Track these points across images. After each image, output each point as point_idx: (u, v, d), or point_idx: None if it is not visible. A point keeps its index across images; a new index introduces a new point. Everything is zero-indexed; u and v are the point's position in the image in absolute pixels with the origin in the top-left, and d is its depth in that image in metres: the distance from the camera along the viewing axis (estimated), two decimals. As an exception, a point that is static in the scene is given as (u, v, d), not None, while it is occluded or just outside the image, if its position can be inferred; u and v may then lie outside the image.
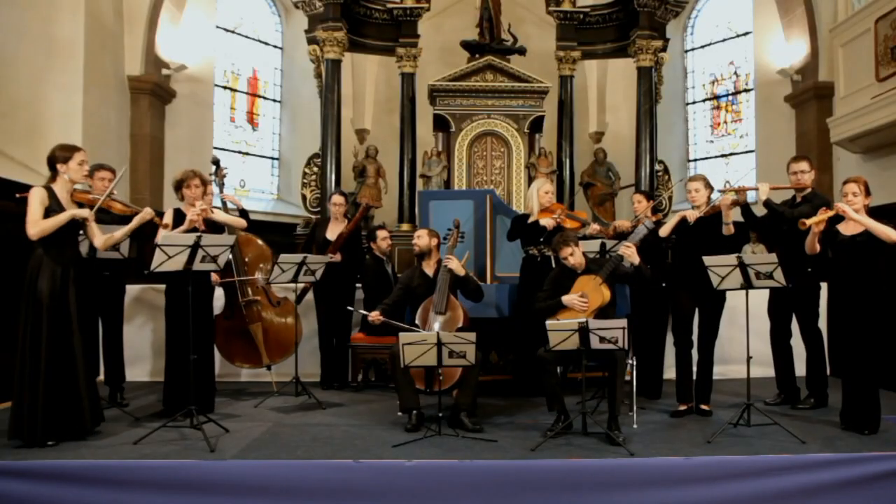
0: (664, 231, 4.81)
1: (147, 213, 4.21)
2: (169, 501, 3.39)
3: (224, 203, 5.59)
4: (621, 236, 5.42)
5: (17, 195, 4.07)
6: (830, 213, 4.16)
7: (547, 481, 3.48)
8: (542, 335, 4.01)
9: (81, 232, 4.13)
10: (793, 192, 4.98)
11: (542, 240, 5.11)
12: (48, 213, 3.86)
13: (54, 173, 3.98)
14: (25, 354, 3.83)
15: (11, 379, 3.91)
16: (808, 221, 4.15)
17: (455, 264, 4.68)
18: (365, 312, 4.72)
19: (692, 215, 4.61)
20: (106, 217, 4.36)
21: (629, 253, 4.33)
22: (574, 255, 4.41)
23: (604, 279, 4.33)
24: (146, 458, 3.59)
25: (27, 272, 3.89)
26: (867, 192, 4.22)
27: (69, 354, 3.90)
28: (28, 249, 3.96)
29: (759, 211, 4.85)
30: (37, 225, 3.81)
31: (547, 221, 5.02)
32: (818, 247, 4.29)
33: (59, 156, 3.95)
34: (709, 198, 4.75)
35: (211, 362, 4.76)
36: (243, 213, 5.52)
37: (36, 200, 3.84)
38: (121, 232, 4.21)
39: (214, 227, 4.58)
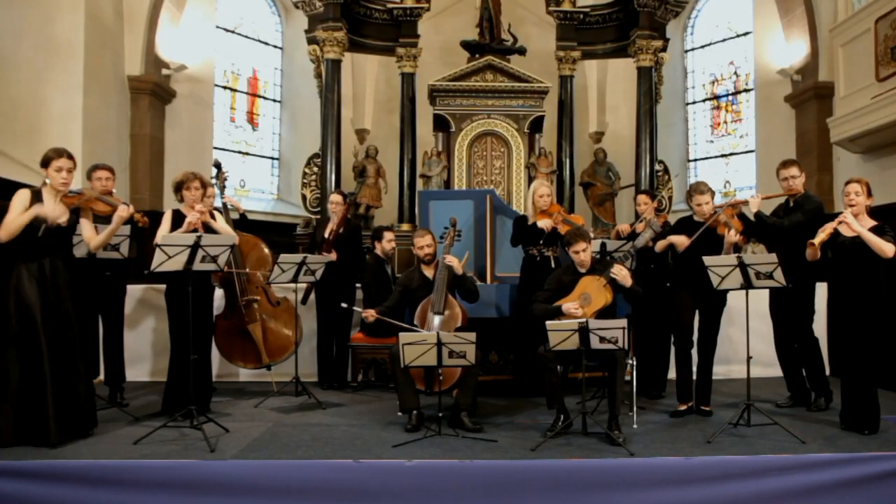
0: (658, 248, 4.84)
1: (123, 210, 4.15)
2: (169, 501, 3.39)
3: (225, 206, 5.59)
4: (629, 237, 5.43)
5: None
6: (835, 225, 4.16)
7: (547, 481, 3.48)
8: (543, 335, 4.01)
9: (77, 234, 4.11)
10: (786, 197, 4.98)
11: (541, 241, 5.13)
12: None
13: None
14: (18, 358, 3.79)
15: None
16: (816, 242, 4.13)
17: (455, 262, 4.69)
18: (359, 309, 4.72)
19: (682, 244, 4.62)
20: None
21: (622, 276, 4.31)
22: (585, 252, 4.42)
23: (607, 281, 4.34)
24: (146, 458, 3.59)
25: (12, 275, 3.85)
26: (869, 193, 4.23)
27: (66, 355, 3.89)
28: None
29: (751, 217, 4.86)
30: (4, 228, 3.78)
31: (545, 223, 5.03)
32: (819, 254, 4.29)
33: (44, 158, 3.93)
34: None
35: (208, 363, 4.76)
36: (243, 217, 5.52)
37: (16, 203, 3.82)
38: (102, 235, 4.16)
39: (211, 232, 4.57)
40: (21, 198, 3.84)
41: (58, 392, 3.83)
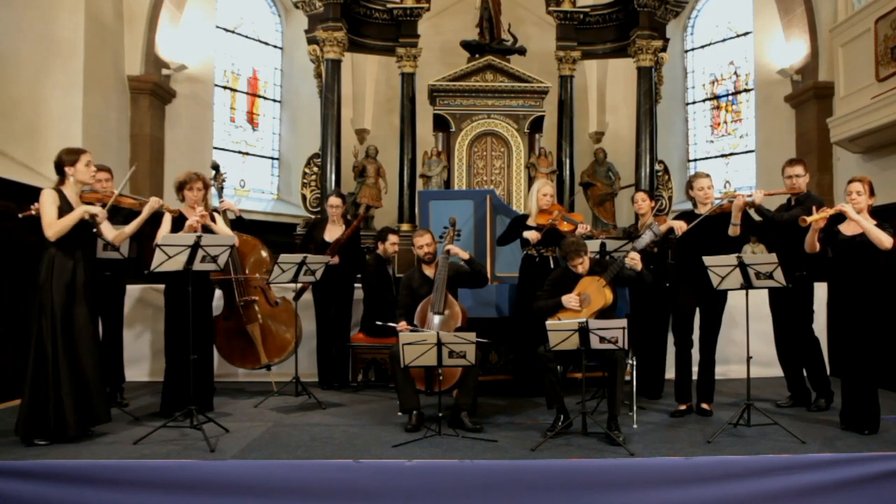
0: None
1: (155, 202, 4.25)
2: (169, 501, 3.39)
3: (223, 211, 5.58)
4: (627, 235, 5.44)
5: (20, 214, 4.10)
6: (832, 212, 4.17)
7: (547, 481, 3.48)
8: (542, 334, 4.01)
9: (94, 230, 4.14)
10: (788, 196, 4.98)
11: (531, 246, 5.15)
12: (60, 214, 3.91)
13: (62, 176, 4.02)
14: (39, 353, 3.84)
15: (15, 377, 3.93)
16: (809, 219, 4.15)
17: (457, 249, 4.72)
18: (393, 325, 4.67)
19: (680, 227, 4.62)
20: (117, 217, 4.37)
21: (634, 262, 4.34)
22: (584, 265, 4.43)
23: (608, 281, 4.34)
24: (146, 458, 3.59)
25: (39, 272, 3.91)
26: (871, 193, 4.23)
27: (85, 348, 3.93)
28: (29, 249, 3.97)
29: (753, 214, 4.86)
30: (53, 226, 3.87)
31: (531, 235, 5.06)
32: (818, 245, 4.29)
33: (65, 159, 4.00)
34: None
35: (210, 362, 4.77)
36: (240, 219, 5.52)
37: (49, 202, 3.90)
38: (132, 224, 4.23)
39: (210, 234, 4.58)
40: (51, 197, 3.92)
41: (75, 386, 3.88)
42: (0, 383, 5.03)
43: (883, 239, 4.04)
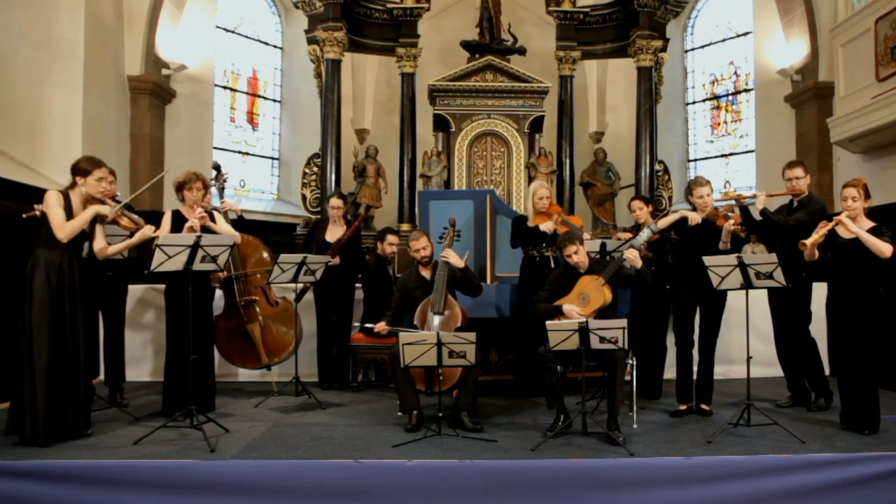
0: (662, 224, 4.82)
1: (148, 229, 4.24)
2: (169, 501, 3.39)
3: (225, 212, 5.58)
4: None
5: (24, 215, 4.12)
6: (830, 226, 4.17)
7: (547, 481, 3.48)
8: (543, 334, 4.01)
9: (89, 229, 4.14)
10: (790, 197, 4.98)
11: (544, 244, 5.14)
12: (65, 216, 3.93)
13: (73, 182, 4.05)
14: (24, 352, 3.85)
15: (10, 378, 3.93)
16: (808, 243, 4.14)
17: (453, 257, 4.69)
18: (370, 325, 4.72)
19: (694, 218, 4.63)
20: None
21: (632, 258, 4.34)
22: (578, 254, 4.42)
23: (606, 280, 4.34)
24: (146, 458, 3.59)
25: (25, 271, 3.92)
26: (866, 195, 4.23)
27: (66, 352, 3.92)
28: (29, 249, 3.98)
29: (756, 215, 4.86)
30: (65, 228, 3.91)
31: (547, 226, 5.04)
32: (817, 253, 4.29)
33: (81, 167, 4.04)
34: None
35: (211, 362, 4.77)
36: (240, 218, 5.52)
37: (55, 203, 3.93)
38: (119, 246, 4.21)
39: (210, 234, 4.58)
40: (56, 198, 3.96)
41: (51, 390, 3.85)
42: (0, 383, 5.03)
43: (882, 248, 4.03)
